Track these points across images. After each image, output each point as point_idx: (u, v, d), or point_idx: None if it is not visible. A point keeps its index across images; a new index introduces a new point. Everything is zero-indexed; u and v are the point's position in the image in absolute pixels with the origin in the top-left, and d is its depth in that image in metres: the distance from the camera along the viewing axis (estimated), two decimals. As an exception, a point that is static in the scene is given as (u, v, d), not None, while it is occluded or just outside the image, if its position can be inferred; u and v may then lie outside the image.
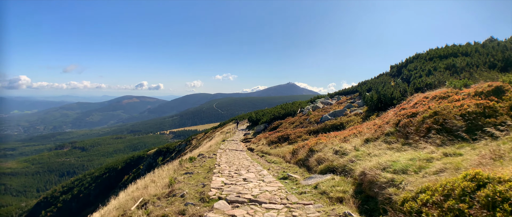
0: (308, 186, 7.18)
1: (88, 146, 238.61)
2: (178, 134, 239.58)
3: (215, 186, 7.62)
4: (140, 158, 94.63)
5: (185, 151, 49.51)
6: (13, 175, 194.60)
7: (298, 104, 33.35)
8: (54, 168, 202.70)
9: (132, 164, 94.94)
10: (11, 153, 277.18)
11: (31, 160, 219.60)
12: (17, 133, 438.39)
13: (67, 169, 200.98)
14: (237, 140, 27.74)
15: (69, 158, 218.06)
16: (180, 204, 6.56)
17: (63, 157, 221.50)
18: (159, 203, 7.23)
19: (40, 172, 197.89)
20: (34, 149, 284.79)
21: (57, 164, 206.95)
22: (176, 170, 12.33)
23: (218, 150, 18.82)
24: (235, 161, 12.92)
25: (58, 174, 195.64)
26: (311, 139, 13.36)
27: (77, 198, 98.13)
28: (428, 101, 9.34)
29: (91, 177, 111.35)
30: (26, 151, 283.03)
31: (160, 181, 10.24)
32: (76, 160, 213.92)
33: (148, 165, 71.19)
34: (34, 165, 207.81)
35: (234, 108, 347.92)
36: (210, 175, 9.58)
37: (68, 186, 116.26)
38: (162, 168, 13.99)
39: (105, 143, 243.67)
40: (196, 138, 62.32)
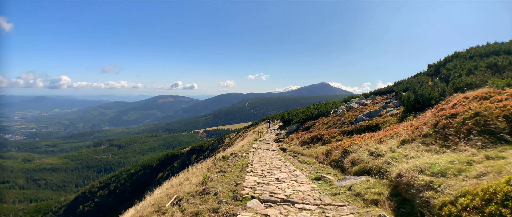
0: (342, 187, 7.08)
1: (125, 143, 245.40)
2: (211, 133, 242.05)
3: (248, 185, 7.65)
4: (174, 156, 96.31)
5: (218, 149, 49.99)
6: (54, 170, 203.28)
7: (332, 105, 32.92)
8: (92, 164, 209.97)
9: (166, 161, 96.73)
10: (52, 150, 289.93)
11: (70, 156, 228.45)
12: (58, 130, 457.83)
13: (104, 165, 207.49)
14: (269, 139, 27.72)
15: (106, 155, 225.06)
16: (213, 202, 6.64)
17: (101, 154, 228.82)
18: (193, 201, 7.34)
19: (79, 168, 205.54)
20: (73, 146, 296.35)
21: (95, 161, 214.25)
22: (210, 168, 12.47)
23: (250, 149, 18.88)
24: (267, 160, 12.93)
25: (95, 170, 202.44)
26: (345, 140, 13.16)
27: (114, 194, 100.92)
28: (468, 102, 8.97)
29: (127, 173, 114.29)
30: (66, 147, 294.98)
31: (194, 179, 10.38)
32: (113, 157, 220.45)
33: (182, 163, 72.31)
34: (74, 161, 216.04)
35: (266, 108, 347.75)
36: (243, 174, 9.63)
37: (105, 182, 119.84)
38: (196, 166, 14.17)
39: (141, 141, 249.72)
40: (228, 137, 62.80)
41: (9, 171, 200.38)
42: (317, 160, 12.33)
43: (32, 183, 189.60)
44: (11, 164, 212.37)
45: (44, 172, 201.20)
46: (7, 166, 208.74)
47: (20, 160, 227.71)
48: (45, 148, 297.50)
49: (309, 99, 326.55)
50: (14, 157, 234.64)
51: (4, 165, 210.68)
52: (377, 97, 28.53)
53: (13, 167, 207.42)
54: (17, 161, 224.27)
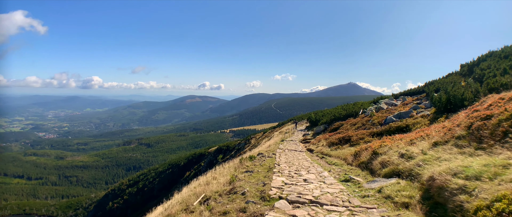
0: (371, 190, 6.98)
1: (153, 142, 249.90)
2: (237, 133, 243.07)
3: (275, 186, 7.65)
4: (201, 155, 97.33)
5: (244, 149, 50.18)
6: (85, 168, 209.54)
7: (360, 105, 32.42)
8: (121, 162, 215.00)
9: (193, 160, 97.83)
10: (83, 148, 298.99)
11: (101, 154, 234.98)
12: (89, 129, 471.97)
13: (133, 163, 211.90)
14: (296, 140, 27.61)
15: (135, 154, 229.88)
16: (241, 202, 6.68)
17: (130, 152, 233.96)
18: (221, 200, 7.41)
19: (109, 166, 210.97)
20: (104, 144, 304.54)
21: (125, 159, 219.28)
22: (237, 168, 12.54)
23: (277, 149, 18.86)
24: (294, 161, 12.88)
25: (125, 168, 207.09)
26: (374, 141, 12.96)
27: (142, 192, 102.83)
28: (504, 103, 8.64)
29: (155, 172, 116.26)
30: (96, 146, 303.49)
31: (221, 178, 10.46)
32: (142, 156, 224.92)
33: (209, 162, 73.00)
34: (104, 159, 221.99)
35: (293, 108, 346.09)
36: (270, 174, 9.64)
37: (134, 180, 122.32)
38: (223, 165, 14.29)
39: (169, 140, 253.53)
40: (255, 137, 62.95)
41: (43, 168, 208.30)
42: (345, 162, 12.20)
43: (64, 180, 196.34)
44: (44, 161, 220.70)
45: (75, 169, 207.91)
46: (41, 163, 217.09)
47: (53, 157, 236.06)
48: (77, 146, 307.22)
49: (337, 100, 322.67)
50: (48, 154, 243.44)
51: (37, 162, 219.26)
52: (407, 98, 27.91)
53: (46, 164, 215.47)
54: (50, 158, 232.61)
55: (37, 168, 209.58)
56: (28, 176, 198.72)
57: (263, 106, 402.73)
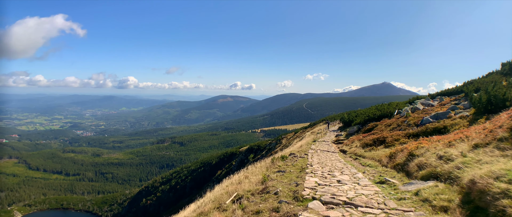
0: (407, 192, 6.81)
1: (186, 141, 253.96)
2: (268, 133, 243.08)
3: (308, 186, 7.60)
4: (232, 154, 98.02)
5: (275, 149, 50.13)
6: (120, 165, 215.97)
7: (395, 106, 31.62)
8: (155, 160, 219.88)
9: (225, 159, 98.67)
10: (119, 145, 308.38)
11: (135, 152, 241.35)
12: (125, 127, 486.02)
13: (166, 161, 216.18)
14: (328, 141, 27.32)
15: (168, 152, 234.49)
16: (273, 202, 6.69)
17: (164, 150, 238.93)
18: (253, 199, 7.44)
19: (143, 164, 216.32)
20: (138, 142, 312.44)
21: (158, 157, 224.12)
22: (269, 167, 12.55)
23: (309, 150, 18.73)
24: (327, 162, 12.76)
25: (158, 166, 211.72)
26: (410, 143, 12.62)
27: (174, 189, 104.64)
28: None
29: (187, 170, 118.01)
30: (131, 144, 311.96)
31: (253, 178, 10.50)
32: (175, 154, 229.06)
33: (240, 161, 73.47)
34: (138, 157, 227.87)
35: (325, 108, 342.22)
36: (303, 174, 9.58)
37: (167, 177, 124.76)
38: (255, 165, 14.33)
39: (201, 139, 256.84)
40: (286, 137, 62.75)
41: (80, 165, 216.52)
42: (380, 163, 11.96)
43: (100, 176, 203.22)
44: (82, 158, 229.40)
45: (111, 166, 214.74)
46: (78, 159, 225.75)
47: (90, 154, 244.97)
48: (113, 143, 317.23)
49: (370, 100, 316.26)
50: (85, 151, 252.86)
51: (75, 158, 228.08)
52: (444, 98, 27.00)
53: (84, 160, 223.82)
54: (87, 155, 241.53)
55: (74, 164, 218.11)
56: (66, 172, 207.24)
57: (294, 106, 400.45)
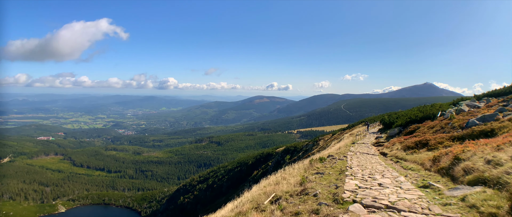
0: (453, 198, 6.53)
1: (223, 141, 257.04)
2: (305, 134, 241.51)
3: (348, 189, 7.49)
4: (269, 155, 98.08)
5: (312, 150, 49.71)
6: (159, 163, 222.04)
7: (439, 107, 30.47)
8: (193, 159, 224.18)
9: (261, 160, 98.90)
10: (158, 144, 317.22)
11: (174, 151, 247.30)
12: (164, 127, 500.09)
13: (204, 160, 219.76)
14: (367, 143, 26.78)
15: (206, 151, 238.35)
16: (313, 203, 6.64)
17: (201, 150, 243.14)
18: (292, 200, 7.43)
19: (181, 162, 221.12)
20: (177, 142, 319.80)
21: (196, 156, 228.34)
22: (307, 169, 12.49)
23: (348, 152, 18.46)
24: (367, 164, 12.51)
25: (196, 165, 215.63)
26: (455, 146, 12.13)
27: (211, 188, 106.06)
28: None
29: (224, 169, 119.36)
30: (170, 143, 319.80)
31: (291, 179, 10.48)
32: (212, 153, 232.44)
33: (276, 162, 73.36)
34: (177, 156, 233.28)
35: (364, 110, 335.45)
36: (342, 177, 9.45)
37: (204, 176, 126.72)
38: (292, 166, 14.29)
39: (238, 139, 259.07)
40: (323, 139, 62.04)
41: (121, 162, 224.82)
42: (423, 167, 11.57)
43: (140, 174, 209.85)
44: (123, 156, 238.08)
45: (150, 164, 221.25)
46: (120, 157, 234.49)
47: (131, 152, 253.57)
48: (153, 142, 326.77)
49: (412, 101, 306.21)
50: (126, 149, 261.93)
51: (117, 156, 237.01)
52: (491, 99, 25.70)
53: (125, 158, 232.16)
54: (128, 153, 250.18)
55: (116, 162, 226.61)
56: (108, 169, 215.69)
57: (332, 107, 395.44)
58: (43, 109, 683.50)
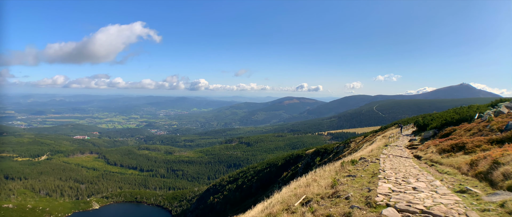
0: (492, 203, 6.30)
1: (253, 141, 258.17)
2: (336, 136, 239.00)
3: (381, 192, 7.37)
4: (298, 157, 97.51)
5: (343, 153, 49.09)
6: (190, 163, 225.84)
7: (476, 109, 29.34)
8: (223, 159, 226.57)
9: (291, 161, 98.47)
10: (189, 144, 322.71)
11: (205, 151, 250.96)
12: (195, 127, 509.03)
13: (233, 161, 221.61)
14: (401, 145, 26.19)
15: (236, 152, 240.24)
16: (344, 206, 6.58)
17: (231, 150, 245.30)
18: (323, 203, 7.38)
19: (211, 162, 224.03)
20: (208, 142, 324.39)
21: (226, 156, 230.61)
22: (338, 171, 12.37)
23: (380, 154, 18.13)
24: (400, 168, 12.24)
25: (226, 165, 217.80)
26: (494, 150, 11.66)
27: (241, 189, 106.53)
28: None
29: (254, 170, 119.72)
30: (201, 143, 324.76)
31: (322, 181, 10.41)
32: (242, 154, 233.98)
33: (306, 164, 72.84)
34: (207, 156, 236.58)
35: (397, 111, 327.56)
36: (375, 180, 9.31)
37: (234, 177, 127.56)
38: (323, 168, 14.18)
39: (267, 140, 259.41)
40: (354, 141, 61.08)
41: (153, 161, 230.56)
42: (459, 171, 11.19)
43: (171, 173, 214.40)
44: (155, 155, 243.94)
45: (181, 163, 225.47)
46: (152, 156, 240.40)
47: (163, 152, 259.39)
48: (184, 142, 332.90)
49: (447, 102, 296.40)
50: (158, 149, 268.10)
51: (149, 155, 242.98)
52: (534, 101, 24.56)
53: (157, 158, 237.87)
54: (160, 152, 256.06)
55: (148, 161, 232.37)
56: (141, 168, 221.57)
57: (364, 109, 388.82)
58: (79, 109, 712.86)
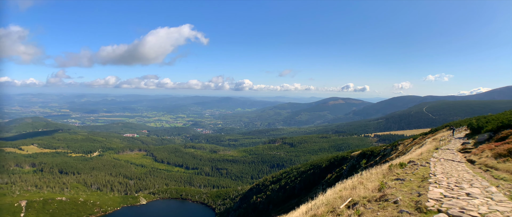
0: (554, 213, 5.86)
1: (296, 142, 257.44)
2: (383, 138, 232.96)
3: (432, 197, 7.10)
4: (343, 159, 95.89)
5: (390, 156, 47.73)
6: (234, 162, 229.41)
7: (536, 112, 27.53)
8: (266, 159, 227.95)
9: (335, 163, 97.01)
10: (233, 143, 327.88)
11: (248, 151, 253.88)
12: (239, 127, 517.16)
13: (277, 161, 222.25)
14: (452, 149, 25.02)
15: (279, 152, 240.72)
16: (393, 211, 6.41)
17: (274, 150, 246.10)
18: (370, 206, 7.23)
19: (255, 162, 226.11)
20: (251, 141, 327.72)
21: (269, 156, 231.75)
22: (386, 174, 12.08)
23: (430, 158, 17.46)
24: (453, 172, 11.70)
25: (269, 165, 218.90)
26: (558, 156, 10.87)
27: (284, 189, 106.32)
28: None
29: (297, 171, 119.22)
30: (245, 142, 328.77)
31: (369, 184, 10.22)
32: (285, 154, 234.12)
33: (351, 167, 71.53)
34: (251, 155, 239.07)
35: (448, 113, 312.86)
36: (425, 184, 8.98)
37: (277, 177, 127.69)
38: (369, 171, 13.90)
39: (311, 141, 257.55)
40: (403, 144, 59.12)
41: (198, 159, 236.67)
42: (518, 177, 10.50)
43: (216, 171, 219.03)
44: (200, 154, 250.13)
45: (225, 162, 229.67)
46: (197, 155, 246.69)
47: (208, 150, 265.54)
48: (228, 141, 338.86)
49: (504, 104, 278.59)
50: (203, 148, 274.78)
51: (195, 154, 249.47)
52: None
53: (202, 156, 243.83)
54: (205, 151, 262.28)
55: (194, 159, 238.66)
56: (186, 166, 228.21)
57: (413, 110, 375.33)
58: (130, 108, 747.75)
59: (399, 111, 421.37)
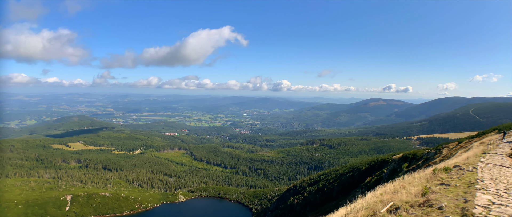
0: None
1: (335, 144, 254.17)
2: (426, 141, 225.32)
3: (480, 204, 6.77)
4: (384, 162, 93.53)
5: (433, 159, 46.01)
6: (271, 162, 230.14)
7: None
8: (304, 160, 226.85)
9: (375, 166, 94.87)
10: (271, 144, 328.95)
11: (286, 152, 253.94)
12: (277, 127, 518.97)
13: (314, 163, 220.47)
14: (501, 154, 23.72)
15: (317, 154, 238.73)
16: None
17: (312, 152, 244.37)
18: (413, 211, 7.04)
19: (292, 163, 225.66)
20: (289, 142, 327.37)
21: (307, 158, 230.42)
22: (429, 179, 11.71)
23: (477, 163, 16.64)
24: (502, 178, 11.09)
25: (306, 167, 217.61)
26: None
27: (321, 191, 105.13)
28: None
29: (335, 173, 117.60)
30: (282, 143, 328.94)
31: (411, 188, 9.95)
32: (323, 156, 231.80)
33: (392, 170, 69.71)
34: (288, 156, 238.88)
35: (497, 115, 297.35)
36: (472, 190, 8.57)
37: (315, 179, 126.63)
38: (411, 174, 13.56)
39: (351, 143, 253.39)
40: (447, 147, 56.82)
41: (236, 159, 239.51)
42: None
43: (253, 171, 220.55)
44: (238, 153, 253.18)
45: (263, 163, 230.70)
46: (235, 154, 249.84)
47: (245, 150, 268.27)
48: (266, 142, 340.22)
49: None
50: (241, 147, 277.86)
51: (233, 153, 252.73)
52: None
53: (240, 156, 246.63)
54: (243, 151, 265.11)
55: (232, 158, 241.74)
56: (224, 165, 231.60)
57: (458, 112, 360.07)
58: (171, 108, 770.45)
59: (444, 113, 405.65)
